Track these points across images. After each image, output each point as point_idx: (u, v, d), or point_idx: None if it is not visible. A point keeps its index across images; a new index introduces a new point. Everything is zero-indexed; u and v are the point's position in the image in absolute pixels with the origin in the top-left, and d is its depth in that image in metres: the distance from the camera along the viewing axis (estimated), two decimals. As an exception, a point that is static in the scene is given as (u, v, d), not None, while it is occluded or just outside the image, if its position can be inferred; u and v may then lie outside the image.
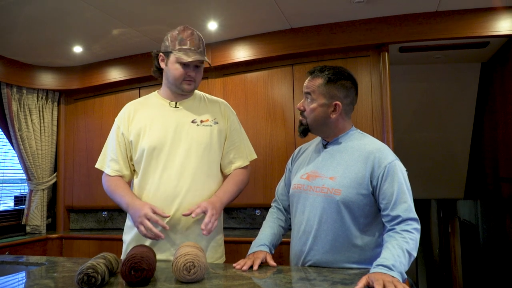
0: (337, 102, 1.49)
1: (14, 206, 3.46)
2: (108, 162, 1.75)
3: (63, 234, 3.35)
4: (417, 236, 1.34)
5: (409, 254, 1.28)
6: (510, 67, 2.74)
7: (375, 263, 1.24)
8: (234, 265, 1.46)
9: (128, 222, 1.73)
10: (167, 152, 1.67)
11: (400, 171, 1.43)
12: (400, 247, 1.28)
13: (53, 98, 3.56)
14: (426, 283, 5.89)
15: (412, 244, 1.30)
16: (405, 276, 1.22)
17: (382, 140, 2.77)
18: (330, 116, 1.50)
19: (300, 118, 1.57)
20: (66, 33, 2.84)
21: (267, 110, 3.08)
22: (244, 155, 1.82)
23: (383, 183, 1.41)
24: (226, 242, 1.83)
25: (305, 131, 1.55)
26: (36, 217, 3.36)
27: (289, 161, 1.75)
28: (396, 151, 2.84)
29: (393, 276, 1.16)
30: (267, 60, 3.04)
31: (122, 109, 1.79)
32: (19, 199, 3.50)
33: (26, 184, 3.42)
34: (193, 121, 1.72)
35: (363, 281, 1.15)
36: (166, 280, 1.28)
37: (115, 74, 3.42)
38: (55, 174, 3.57)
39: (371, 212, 1.45)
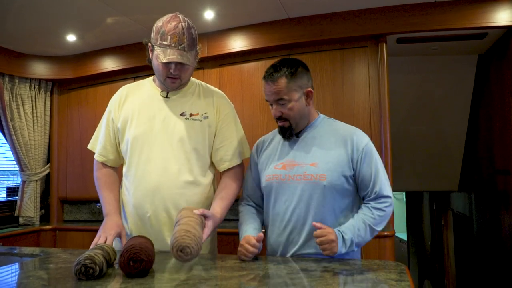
0: (308, 89, 1.53)
1: (7, 198, 3.42)
2: (97, 144, 1.76)
3: (56, 225, 3.33)
4: (387, 213, 1.50)
5: (372, 229, 1.46)
6: (508, 58, 2.75)
7: (340, 226, 1.44)
8: (243, 258, 1.43)
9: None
10: (151, 145, 1.62)
11: (375, 151, 1.53)
12: (364, 221, 1.45)
13: (46, 88, 3.51)
14: (418, 275, 5.95)
15: (378, 220, 1.47)
16: (354, 248, 1.43)
17: (379, 133, 2.77)
18: (306, 105, 1.54)
19: (280, 124, 1.55)
20: (59, 21, 2.79)
21: (264, 101, 3.03)
22: (237, 152, 1.71)
23: (361, 165, 1.49)
24: (221, 233, 1.81)
25: (291, 133, 1.55)
26: (29, 209, 3.32)
27: (253, 155, 1.71)
28: (391, 143, 2.87)
29: (337, 244, 1.37)
30: (264, 50, 3.02)
31: (117, 92, 1.76)
32: (11, 191, 3.46)
33: (18, 175, 3.38)
34: (182, 114, 1.65)
35: (324, 227, 1.39)
36: (165, 270, 1.27)
37: (109, 64, 3.37)
38: (48, 165, 3.53)
39: (351, 193, 1.52)
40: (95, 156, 1.74)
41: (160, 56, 1.53)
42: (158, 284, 1.11)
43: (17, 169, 3.35)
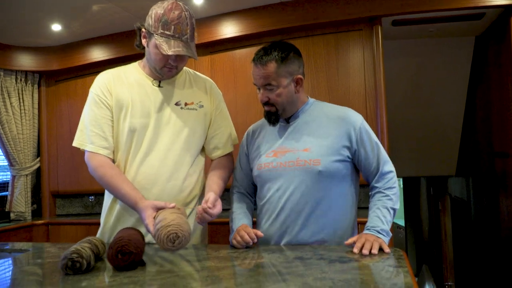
0: (298, 76, 1.48)
1: (-3, 193, 3.37)
2: (90, 137, 1.58)
3: (49, 220, 3.29)
4: (397, 186, 1.49)
5: (394, 210, 1.44)
6: (506, 39, 2.71)
7: (366, 226, 1.39)
8: (234, 243, 1.42)
9: (107, 203, 1.66)
10: (149, 137, 1.58)
11: (369, 128, 1.51)
12: (385, 207, 1.43)
13: (33, 80, 3.44)
14: (416, 261, 5.99)
15: (395, 198, 1.46)
16: (390, 234, 1.39)
17: (375, 118, 2.73)
18: (295, 92, 1.50)
19: (266, 108, 1.51)
20: (44, 10, 2.71)
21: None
22: (229, 140, 1.74)
23: (361, 144, 1.47)
24: (212, 223, 1.79)
25: (277, 118, 1.52)
26: (20, 204, 3.27)
27: (243, 145, 1.68)
28: (387, 128, 2.83)
29: (378, 237, 1.32)
30: (256, 36, 2.95)
31: (97, 79, 1.65)
32: (1, 186, 3.41)
33: (8, 170, 3.33)
34: (176, 104, 1.61)
35: (353, 238, 1.32)
36: (156, 262, 1.23)
37: (97, 54, 3.30)
38: (38, 159, 3.47)
39: (348, 177, 1.49)
40: (93, 150, 1.57)
41: (164, 47, 1.47)
42: (147, 276, 1.08)
43: (6, 164, 3.30)
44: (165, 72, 1.58)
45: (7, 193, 3.32)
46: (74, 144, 1.64)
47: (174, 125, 1.60)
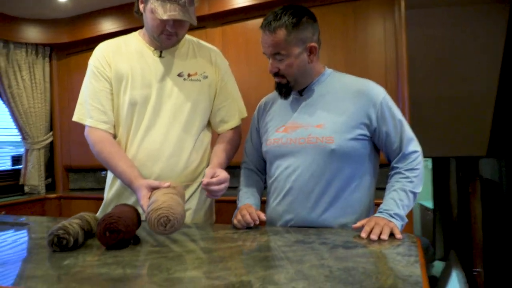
0: (311, 44, 1.34)
1: (12, 166, 3.42)
2: (89, 111, 1.52)
3: (61, 194, 3.32)
4: (421, 169, 1.35)
5: (413, 193, 1.31)
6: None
7: (379, 209, 1.28)
8: (235, 223, 1.35)
9: (109, 179, 1.62)
10: (150, 111, 1.51)
11: (392, 102, 1.37)
12: (404, 189, 1.30)
13: (44, 54, 3.42)
14: (443, 244, 5.83)
15: (416, 181, 1.32)
16: (406, 220, 1.27)
17: (396, 93, 2.58)
18: (309, 62, 1.36)
19: (277, 80, 1.40)
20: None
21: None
22: (236, 113, 1.65)
23: (383, 121, 1.33)
24: (218, 201, 1.72)
25: (288, 91, 1.40)
26: (33, 177, 3.31)
27: (254, 119, 1.60)
28: (411, 105, 2.67)
29: (390, 221, 1.21)
30: (270, 4, 2.80)
31: (95, 50, 1.58)
32: (16, 159, 3.45)
33: (22, 144, 3.35)
34: (179, 75, 1.54)
35: (362, 222, 1.22)
36: (148, 243, 1.18)
37: (107, 26, 3.23)
38: (51, 133, 3.49)
39: (366, 157, 1.37)
40: (92, 125, 1.52)
41: (159, 11, 1.39)
42: (133, 257, 1.02)
43: (20, 138, 3.32)
44: (164, 39, 1.49)
45: (21, 166, 3.35)
46: (74, 118, 1.59)
47: (176, 98, 1.53)
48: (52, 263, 1.00)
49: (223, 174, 1.37)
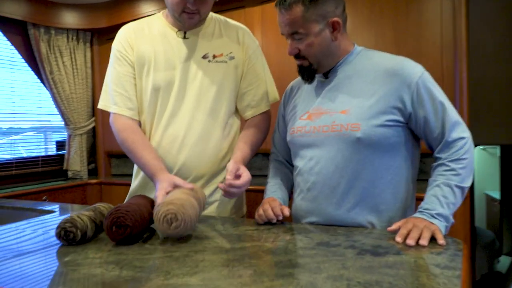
0: (333, 19, 1.18)
1: (57, 151, 3.54)
2: (113, 98, 1.46)
3: (103, 179, 3.39)
4: (470, 159, 1.15)
5: (461, 188, 1.13)
6: None
7: (419, 207, 1.13)
8: (256, 218, 1.26)
9: (135, 168, 1.58)
10: (174, 96, 1.44)
11: (432, 81, 1.19)
12: (448, 184, 1.13)
13: (85, 39, 3.47)
14: (511, 238, 5.40)
15: (464, 174, 1.14)
16: (451, 220, 1.10)
17: (453, 75, 2.33)
18: (333, 40, 1.21)
19: (298, 62, 1.26)
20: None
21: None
22: (265, 97, 1.54)
23: (418, 109, 1.17)
24: (248, 190, 1.63)
25: (311, 74, 1.26)
26: (76, 162, 3.40)
27: (281, 106, 1.47)
28: (471, 89, 2.41)
29: (432, 223, 1.05)
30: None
31: (118, 33, 1.53)
32: (61, 144, 3.56)
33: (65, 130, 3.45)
34: (204, 57, 1.45)
35: (399, 223, 1.07)
36: (157, 239, 1.11)
37: (146, 8, 3.21)
38: (93, 119, 3.56)
39: (398, 145, 1.20)
40: (116, 111, 1.46)
41: None
42: (138, 255, 0.95)
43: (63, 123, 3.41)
44: (185, 19, 1.40)
45: (65, 152, 3.46)
46: (99, 106, 1.55)
47: (201, 82, 1.45)
48: (55, 258, 0.96)
49: (245, 177, 1.28)
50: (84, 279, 0.80)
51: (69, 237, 1.06)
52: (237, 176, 1.28)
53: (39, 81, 3.24)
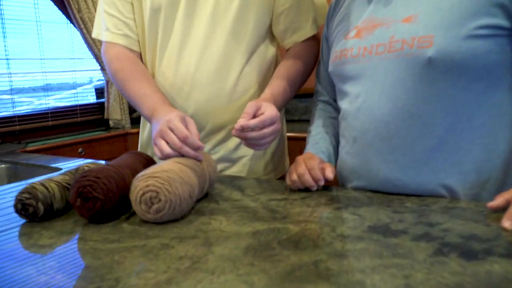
0: None
1: (97, 100, 3.39)
2: (105, 22, 1.17)
3: (144, 128, 3.21)
4: None
5: None
6: None
7: None
8: (288, 184, 0.94)
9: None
10: (180, 20, 1.10)
11: None
12: None
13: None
14: None
15: None
16: None
17: None
18: None
19: None
20: None
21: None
22: (309, 19, 1.16)
23: None
24: (291, 138, 1.32)
25: None
26: (115, 111, 3.23)
27: (324, 27, 1.09)
28: None
29: None
30: None
31: None
32: (100, 92, 3.40)
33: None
34: None
35: (505, 195, 0.69)
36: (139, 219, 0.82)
37: None
38: (130, 62, 3.33)
39: (496, 67, 0.77)
40: (109, 40, 1.17)
41: None
42: (100, 243, 0.68)
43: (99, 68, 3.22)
44: None
45: (104, 100, 3.29)
46: (93, 35, 1.26)
47: None
48: (19, 240, 0.72)
49: (269, 112, 0.92)
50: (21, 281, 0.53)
51: (28, 211, 0.81)
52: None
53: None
